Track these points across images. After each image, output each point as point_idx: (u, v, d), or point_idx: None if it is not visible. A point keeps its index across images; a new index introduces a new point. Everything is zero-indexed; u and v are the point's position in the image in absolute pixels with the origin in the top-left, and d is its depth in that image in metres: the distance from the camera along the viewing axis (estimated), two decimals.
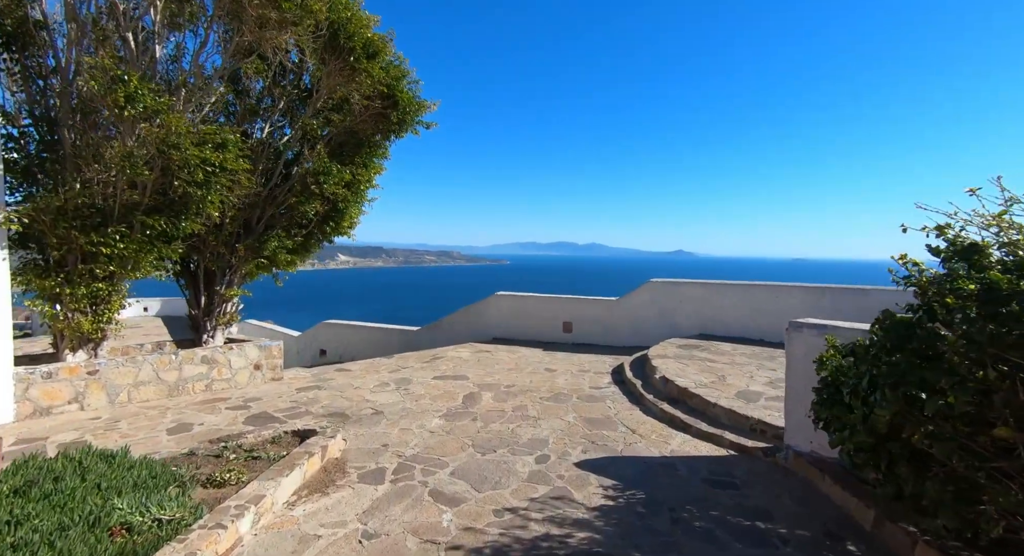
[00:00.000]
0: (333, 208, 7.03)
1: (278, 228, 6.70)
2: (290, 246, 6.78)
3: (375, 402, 5.54)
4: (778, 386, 5.19)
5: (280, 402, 5.56)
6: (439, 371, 7.14)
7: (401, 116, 6.78)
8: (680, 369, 5.98)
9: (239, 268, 6.59)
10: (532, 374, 6.95)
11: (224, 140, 5.30)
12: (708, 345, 7.60)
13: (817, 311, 7.51)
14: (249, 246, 6.41)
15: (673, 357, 6.68)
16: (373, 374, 7.01)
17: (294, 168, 6.58)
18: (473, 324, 10.25)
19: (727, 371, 5.92)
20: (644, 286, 9.04)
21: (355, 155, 6.99)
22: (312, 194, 6.43)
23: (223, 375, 6.10)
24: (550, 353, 8.54)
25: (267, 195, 6.54)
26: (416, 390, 6.06)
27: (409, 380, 6.59)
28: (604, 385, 6.31)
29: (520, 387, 6.20)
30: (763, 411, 4.37)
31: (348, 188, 7.01)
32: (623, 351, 8.55)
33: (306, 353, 12.33)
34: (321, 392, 6.02)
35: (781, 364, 6.46)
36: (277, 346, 6.62)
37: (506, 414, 5.09)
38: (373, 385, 6.35)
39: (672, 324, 8.74)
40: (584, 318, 9.38)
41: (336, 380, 6.67)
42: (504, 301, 10.00)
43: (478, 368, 7.33)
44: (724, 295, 8.38)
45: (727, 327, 8.35)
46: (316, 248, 7.59)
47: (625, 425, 4.69)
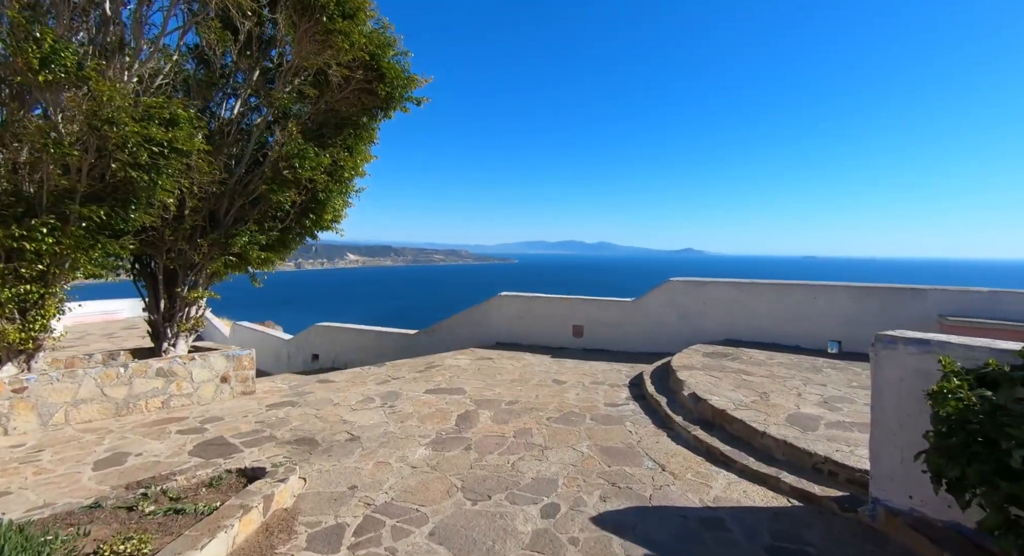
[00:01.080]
0: (313, 198, 6.21)
1: (250, 221, 5.89)
2: (264, 242, 5.97)
3: (353, 424, 4.71)
4: (836, 408, 4.29)
5: (243, 423, 4.76)
6: (433, 383, 6.30)
7: (388, 90, 5.94)
8: (711, 384, 5.09)
9: (204, 267, 5.79)
10: (538, 387, 6.09)
11: (174, 116, 4.50)
12: (738, 353, 6.69)
13: (865, 315, 6.59)
14: (215, 242, 5.61)
15: (701, 368, 5.78)
16: (358, 386, 6.18)
17: (267, 152, 5.76)
18: (475, 328, 9.40)
19: (767, 386, 5.02)
20: (663, 286, 8.13)
21: (336, 137, 6.17)
22: (286, 181, 5.61)
23: (183, 390, 5.31)
24: (559, 361, 7.67)
25: (236, 183, 5.73)
26: (403, 408, 5.22)
27: (398, 394, 5.76)
28: (621, 401, 5.44)
29: (524, 404, 5.34)
30: (827, 444, 3.47)
31: (330, 176, 6.19)
32: (640, 358, 7.66)
33: (298, 357, 11.57)
34: (294, 410, 5.21)
35: (828, 377, 5.56)
36: (248, 355, 5.82)
37: (506, 441, 4.24)
38: (356, 401, 5.52)
39: (695, 328, 7.83)
40: (596, 321, 8.50)
41: (315, 394, 5.86)
42: (509, 302, 9.15)
43: (477, 379, 6.49)
44: (756, 296, 7.45)
45: (758, 332, 7.43)
46: (296, 244, 6.78)
47: (652, 458, 3.81)
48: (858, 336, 6.79)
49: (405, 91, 6.28)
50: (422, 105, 6.70)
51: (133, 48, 4.57)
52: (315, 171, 5.72)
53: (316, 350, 11.14)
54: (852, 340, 6.84)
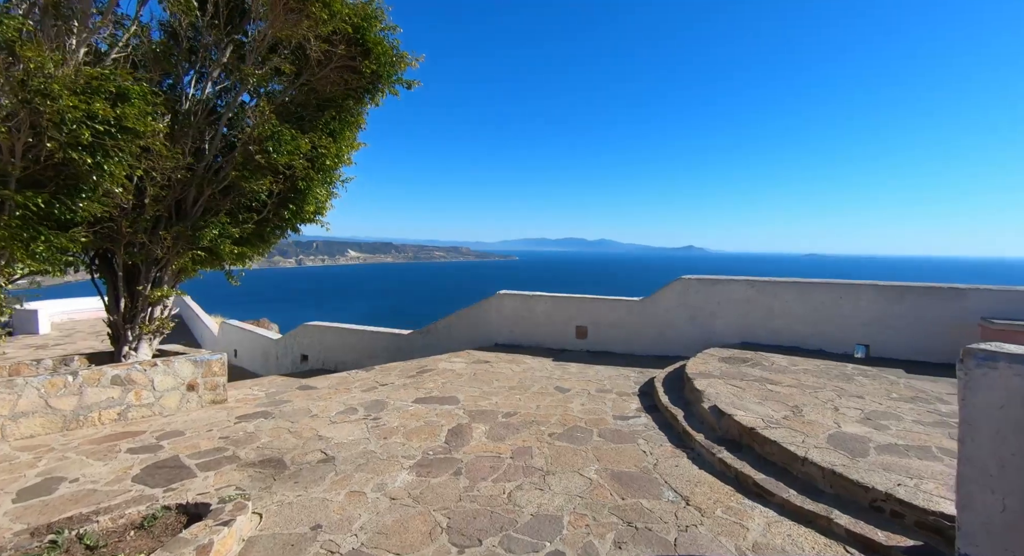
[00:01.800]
0: (292, 188, 5.64)
1: (221, 213, 5.32)
2: (237, 235, 5.39)
3: (330, 441, 4.15)
4: (882, 426, 3.72)
5: (206, 439, 4.20)
6: (424, 390, 5.74)
7: (375, 68, 5.35)
8: (734, 395, 4.52)
9: (170, 262, 5.23)
10: (539, 395, 5.54)
11: (123, 90, 3.93)
12: (758, 358, 6.12)
13: (895, 317, 6.02)
14: (180, 235, 5.04)
15: (719, 376, 5.22)
16: (341, 394, 5.63)
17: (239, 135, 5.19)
18: (472, 328, 8.84)
19: (798, 398, 4.45)
20: (673, 285, 7.56)
21: (317, 120, 5.59)
22: (259, 167, 5.04)
23: (143, 400, 4.76)
24: (561, 365, 7.11)
25: (205, 170, 5.17)
26: (388, 420, 4.67)
27: (384, 404, 5.20)
28: (632, 413, 4.88)
29: (524, 416, 4.78)
30: (884, 475, 2.91)
31: (310, 163, 5.62)
32: (649, 362, 7.10)
33: (286, 358, 11.03)
34: (266, 422, 4.65)
35: (863, 388, 4.95)
36: (219, 360, 5.26)
37: (503, 463, 3.68)
38: (336, 411, 4.97)
39: (708, 330, 7.26)
40: (602, 322, 7.94)
41: (292, 403, 5.30)
42: (508, 301, 8.59)
43: (473, 386, 5.93)
44: (774, 296, 6.88)
45: (777, 335, 6.86)
46: (275, 239, 6.21)
47: (673, 487, 3.25)
48: (888, 339, 6.22)
49: (393, 70, 5.70)
50: (413, 88, 6.13)
51: (77, 10, 3.99)
52: (292, 157, 5.15)
53: (305, 351, 10.59)
54: (881, 344, 6.28)
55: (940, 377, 5.31)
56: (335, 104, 5.66)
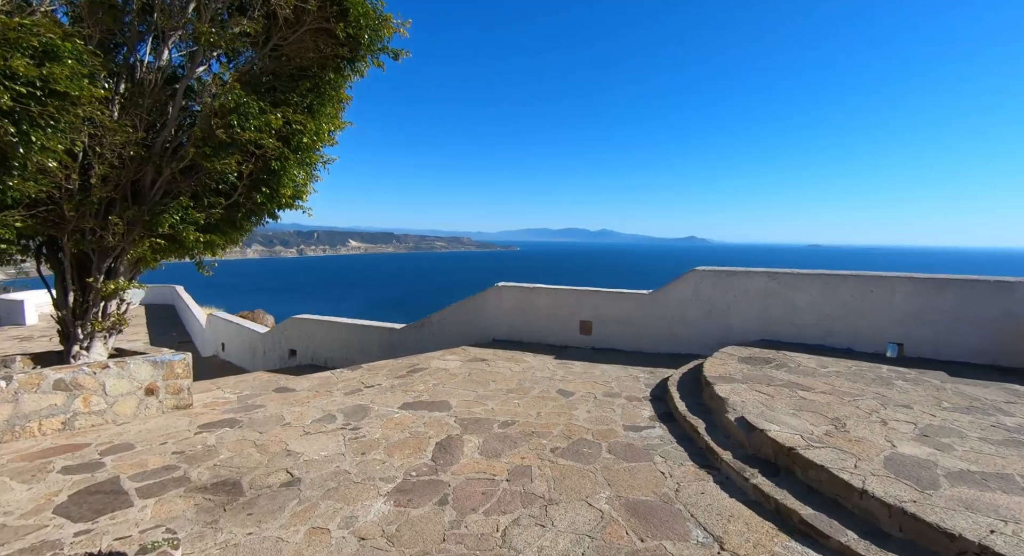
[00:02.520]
0: (264, 168, 5.04)
1: (183, 195, 4.72)
2: (202, 221, 4.80)
3: (299, 457, 3.60)
4: (945, 446, 3.15)
5: (157, 454, 3.66)
6: (412, 394, 5.19)
7: (353, 31, 4.72)
8: (762, 403, 3.96)
9: (125, 251, 4.65)
10: (540, 400, 4.98)
11: (50, 45, 3.32)
12: (781, 358, 5.55)
13: (934, 312, 5.43)
14: (135, 219, 4.45)
15: (742, 380, 4.66)
16: (321, 398, 5.08)
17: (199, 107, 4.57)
18: (469, 323, 8.28)
19: (836, 408, 3.88)
20: (685, 277, 6.97)
21: (291, 92, 4.97)
22: (222, 144, 4.43)
23: (93, 407, 4.21)
24: (564, 363, 6.55)
25: (163, 146, 4.57)
26: (370, 431, 4.12)
27: (367, 410, 4.66)
28: (645, 422, 4.32)
29: (522, 426, 4.23)
30: (968, 517, 2.34)
31: (284, 142, 5.01)
32: (660, 361, 6.54)
33: (274, 353, 10.49)
34: (231, 433, 4.11)
35: (908, 395, 4.29)
36: (182, 361, 4.71)
37: (497, 487, 3.13)
38: (312, 419, 4.42)
39: (725, 326, 6.68)
40: (608, 317, 7.36)
41: (266, 408, 4.76)
42: (507, 294, 8.01)
43: (467, 389, 5.38)
44: (797, 288, 6.29)
45: (800, 331, 6.28)
46: (248, 225, 5.62)
47: (701, 524, 2.69)
48: (925, 337, 5.65)
49: (377, 37, 5.06)
50: (400, 59, 5.49)
51: None
52: (262, 133, 4.54)
53: (293, 345, 10.05)
54: (917, 342, 5.70)
55: (990, 382, 4.74)
56: (311, 75, 5.03)
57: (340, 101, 5.78)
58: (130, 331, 17.48)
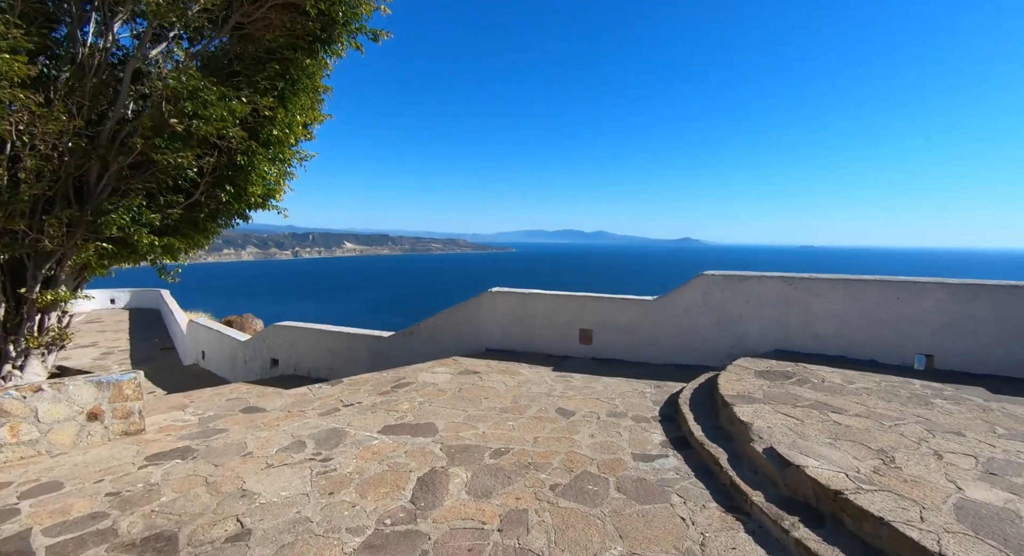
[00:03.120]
0: (229, 163, 4.50)
1: (135, 193, 4.18)
2: (158, 222, 4.25)
3: (255, 499, 3.06)
4: (1019, 487, 2.65)
5: (87, 497, 3.11)
6: (396, 414, 4.66)
7: (326, 8, 4.20)
8: (792, 429, 3.45)
9: (67, 256, 4.09)
10: (538, 421, 4.46)
11: None
12: (802, 372, 5.06)
13: (970, 320, 4.95)
14: (76, 220, 3.91)
15: (763, 399, 4.15)
16: (293, 420, 4.54)
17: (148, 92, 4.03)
18: (460, 331, 7.75)
19: (878, 435, 3.38)
20: (693, 282, 6.47)
21: (258, 76, 4.43)
22: (176, 135, 3.90)
23: (22, 436, 3.65)
24: (563, 376, 6.03)
25: (110, 138, 4.02)
26: (342, 463, 3.58)
27: (342, 436, 4.12)
28: (656, 450, 3.81)
29: (518, 455, 3.71)
30: None
31: (251, 134, 4.49)
32: (667, 374, 6.03)
33: (255, 362, 9.92)
34: (181, 466, 3.56)
35: (952, 417, 3.68)
36: (132, 380, 4.15)
37: (487, 540, 2.61)
38: (279, 447, 3.88)
39: (737, 335, 6.18)
40: (609, 325, 6.85)
41: (228, 433, 4.22)
42: (501, 301, 7.49)
43: (456, 407, 4.85)
44: (817, 295, 5.79)
45: (819, 341, 5.79)
46: (214, 228, 5.09)
47: None
48: (959, 349, 5.17)
49: (353, 14, 4.54)
50: (380, 41, 4.97)
51: None
52: (222, 123, 4.00)
53: (275, 354, 9.48)
54: (949, 354, 5.22)
55: None
56: (280, 58, 4.50)
57: (316, 91, 5.26)
58: (111, 336, 16.87)
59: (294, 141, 5.14)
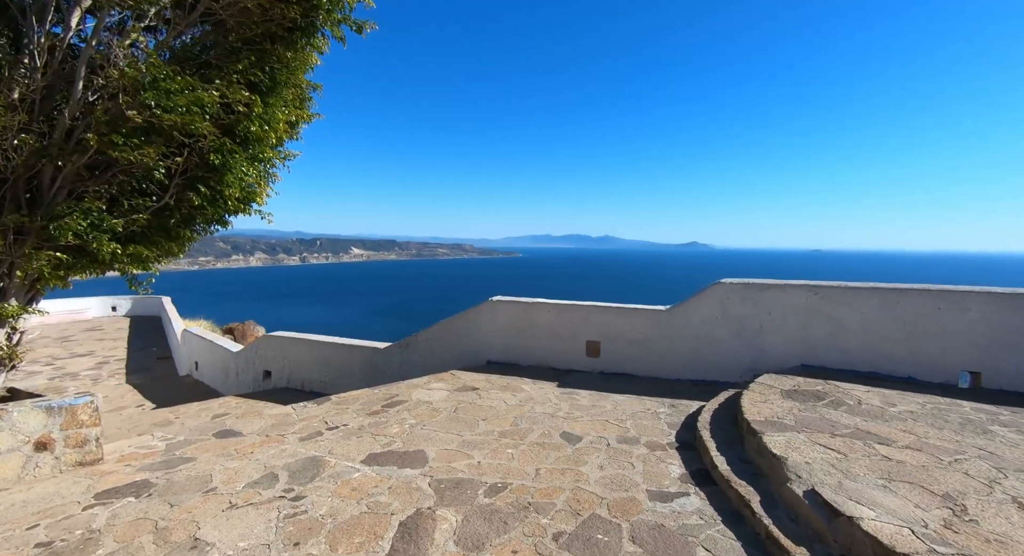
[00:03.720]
0: (202, 163, 4.10)
1: (94, 196, 3.78)
2: (120, 228, 3.85)
3: (208, 550, 2.62)
4: None
5: (12, 547, 2.68)
6: (383, 439, 4.21)
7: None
8: (835, 466, 2.96)
9: (16, 266, 3.69)
10: (540, 448, 4.00)
11: None
12: (832, 390, 4.56)
13: (1020, 333, 4.43)
14: (24, 226, 3.51)
15: (796, 425, 3.66)
16: (269, 447, 4.10)
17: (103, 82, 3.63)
18: (459, 343, 7.30)
19: (937, 473, 2.88)
20: (710, 290, 5.98)
21: (231, 66, 4.03)
22: (137, 129, 3.50)
23: None
24: (568, 393, 5.57)
25: (64, 135, 3.63)
26: (315, 502, 3.13)
27: (320, 466, 3.67)
28: (675, 485, 3.33)
29: (516, 491, 3.24)
30: None
31: (227, 131, 4.09)
32: (681, 390, 5.55)
33: (247, 374, 9.51)
34: (135, 505, 3.12)
35: (1018, 447, 3.06)
36: (88, 404, 3.73)
37: None
38: (247, 481, 3.44)
39: (758, 348, 5.69)
40: (619, 336, 6.38)
41: (195, 462, 3.78)
42: (503, 310, 7.04)
43: (451, 431, 4.40)
44: (848, 305, 5.29)
45: (849, 356, 5.28)
46: (187, 234, 4.68)
47: None
48: (1011, 365, 4.64)
49: (336, 2, 4.14)
50: (365, 33, 4.57)
51: None
52: (191, 115, 3.60)
53: (268, 366, 9.08)
54: (998, 371, 4.70)
55: None
56: (256, 48, 4.09)
57: (300, 86, 4.87)
58: (110, 344, 16.59)
59: (276, 140, 4.73)
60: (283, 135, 4.94)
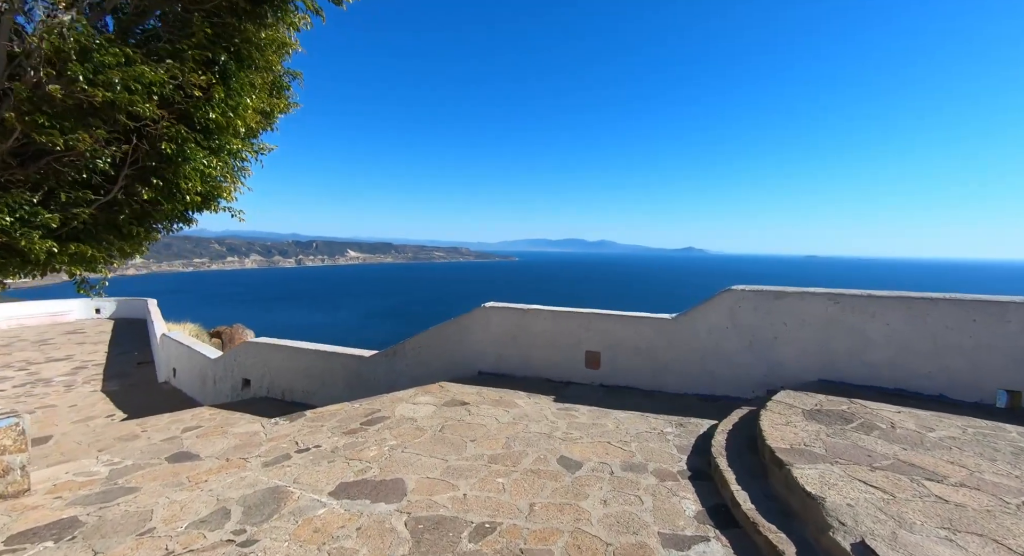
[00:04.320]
0: (153, 153, 3.61)
1: (20, 187, 3.30)
2: (55, 224, 3.37)
3: None
4: None
5: None
6: (358, 465, 3.72)
7: None
8: (883, 510, 2.50)
9: None
10: (535, 476, 3.52)
11: None
12: (859, 410, 4.10)
13: None
14: None
15: (828, 456, 3.20)
16: (228, 473, 3.61)
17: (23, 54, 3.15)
18: (450, 351, 6.82)
19: (1004, 518, 2.43)
20: (719, 298, 5.53)
21: (186, 42, 3.55)
22: (68, 110, 3.01)
23: None
24: (567, 409, 5.10)
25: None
26: (268, 550, 2.64)
27: (282, 499, 3.18)
28: (691, 526, 2.86)
29: (507, 535, 2.76)
30: None
31: (180, 117, 3.61)
32: (689, 405, 5.09)
33: (226, 382, 8.99)
34: (51, 552, 2.63)
35: None
36: (11, 428, 3.23)
37: None
38: (193, 519, 2.95)
39: (771, 361, 5.23)
40: (621, 346, 5.91)
41: (136, 497, 3.28)
42: (496, 317, 6.56)
43: (435, 454, 3.91)
44: (872, 316, 4.85)
45: (873, 371, 4.83)
46: (144, 233, 4.19)
47: None
48: None
49: None
50: (344, 4, 4.11)
51: None
52: (131, 95, 3.12)
53: (247, 374, 8.55)
54: None
55: None
56: (213, 21, 3.62)
57: (272, 69, 4.39)
58: (89, 348, 16.00)
59: (243, 129, 4.24)
60: (253, 125, 4.47)
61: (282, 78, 5.05)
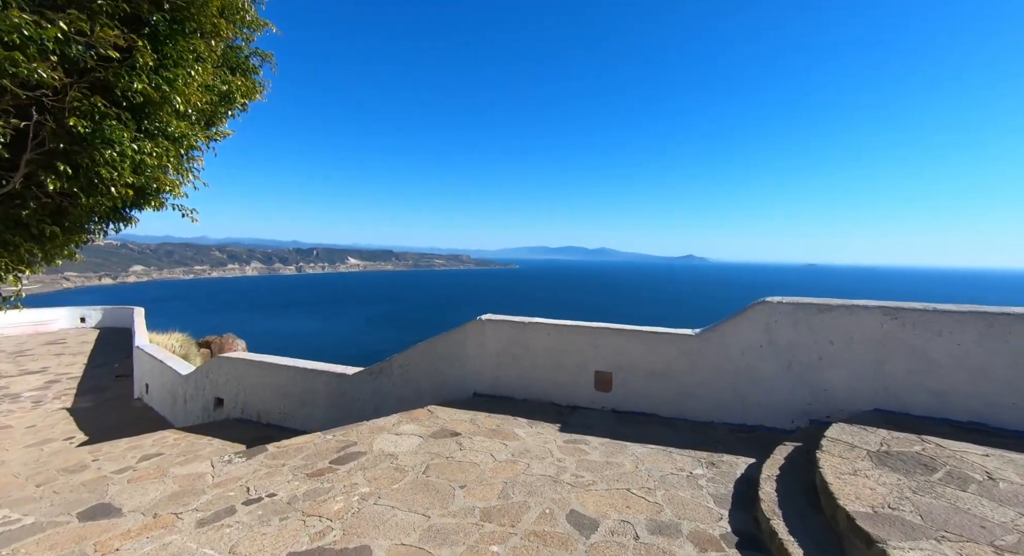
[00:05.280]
0: (62, 132, 2.87)
1: None
2: None
3: None
4: None
5: None
6: (316, 524, 2.94)
7: None
8: None
9: None
10: (539, 542, 2.74)
11: None
12: (938, 453, 3.33)
13: None
14: None
15: (927, 525, 2.42)
16: (146, 540, 2.83)
17: None
18: (441, 370, 6.05)
19: None
20: (752, 310, 4.76)
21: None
22: None
23: None
24: (575, 441, 4.32)
25: None
26: None
27: None
28: None
29: None
30: None
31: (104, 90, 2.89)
32: (718, 438, 4.30)
33: (196, 402, 8.19)
34: None
35: None
36: None
37: None
38: None
39: (815, 387, 4.46)
40: (635, 366, 5.14)
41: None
42: (493, 331, 5.80)
43: (414, 507, 3.13)
44: (938, 335, 4.07)
45: (941, 400, 4.05)
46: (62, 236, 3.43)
47: None
48: None
49: None
50: None
51: None
52: (10, 50, 2.38)
53: (220, 392, 7.77)
54: None
55: None
56: None
57: (221, 35, 3.66)
58: (67, 360, 15.25)
59: (188, 109, 3.50)
60: (203, 106, 3.73)
61: (248, 59, 4.35)
